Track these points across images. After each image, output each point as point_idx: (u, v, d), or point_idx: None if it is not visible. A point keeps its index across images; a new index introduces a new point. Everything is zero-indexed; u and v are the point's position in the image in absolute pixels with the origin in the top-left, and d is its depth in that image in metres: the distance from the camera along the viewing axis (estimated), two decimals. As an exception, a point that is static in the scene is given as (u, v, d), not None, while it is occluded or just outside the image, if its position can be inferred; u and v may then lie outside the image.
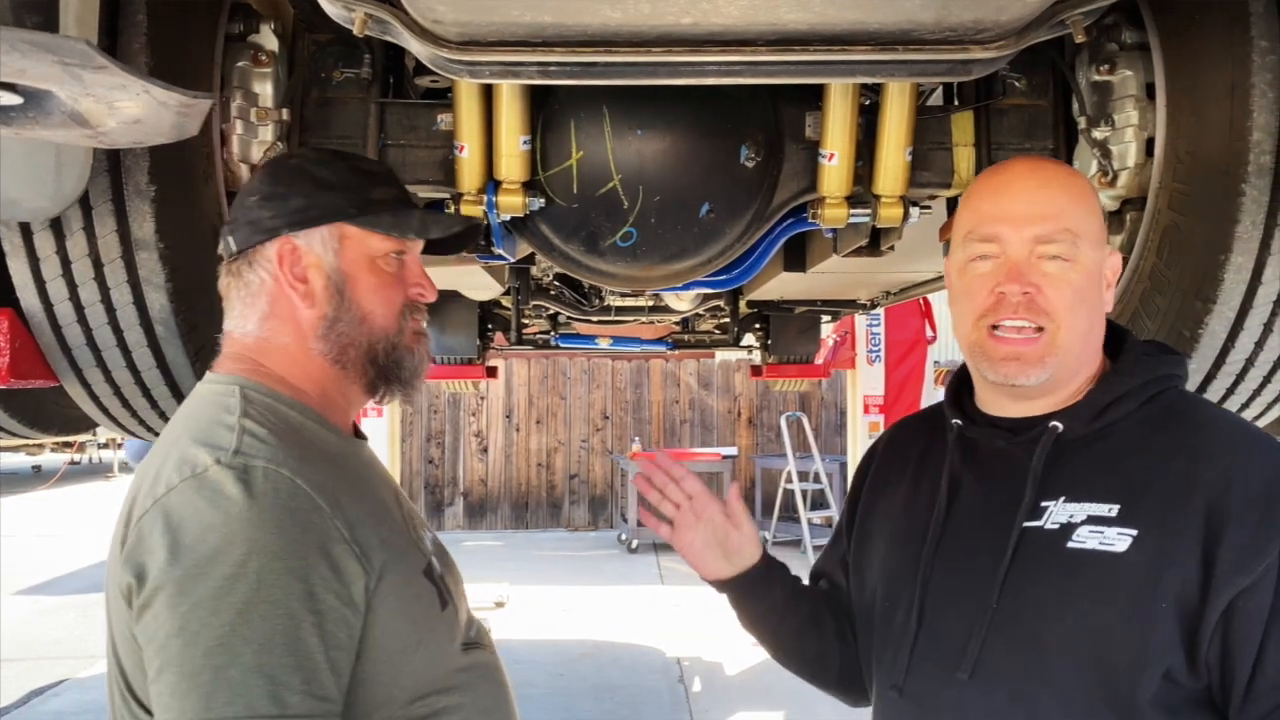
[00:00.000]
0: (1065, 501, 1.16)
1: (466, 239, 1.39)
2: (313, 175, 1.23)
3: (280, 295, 1.21)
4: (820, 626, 1.41)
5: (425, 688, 1.15)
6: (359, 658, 1.08)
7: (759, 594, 1.41)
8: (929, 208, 2.04)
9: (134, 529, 1.05)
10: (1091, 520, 1.13)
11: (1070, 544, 1.13)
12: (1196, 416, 1.18)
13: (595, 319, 4.85)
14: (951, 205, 2.03)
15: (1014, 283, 1.17)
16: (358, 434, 1.30)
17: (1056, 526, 1.15)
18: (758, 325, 5.48)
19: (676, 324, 5.71)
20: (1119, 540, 1.10)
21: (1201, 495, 1.08)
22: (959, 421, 1.28)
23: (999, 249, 1.19)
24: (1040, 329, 1.17)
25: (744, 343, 5.78)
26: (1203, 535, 1.06)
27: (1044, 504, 1.17)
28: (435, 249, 1.36)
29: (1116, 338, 1.25)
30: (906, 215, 1.90)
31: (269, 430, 1.12)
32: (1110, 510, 1.12)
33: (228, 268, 1.24)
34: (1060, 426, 1.19)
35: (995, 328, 1.19)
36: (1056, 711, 1.11)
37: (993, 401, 1.26)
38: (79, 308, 1.66)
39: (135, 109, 0.93)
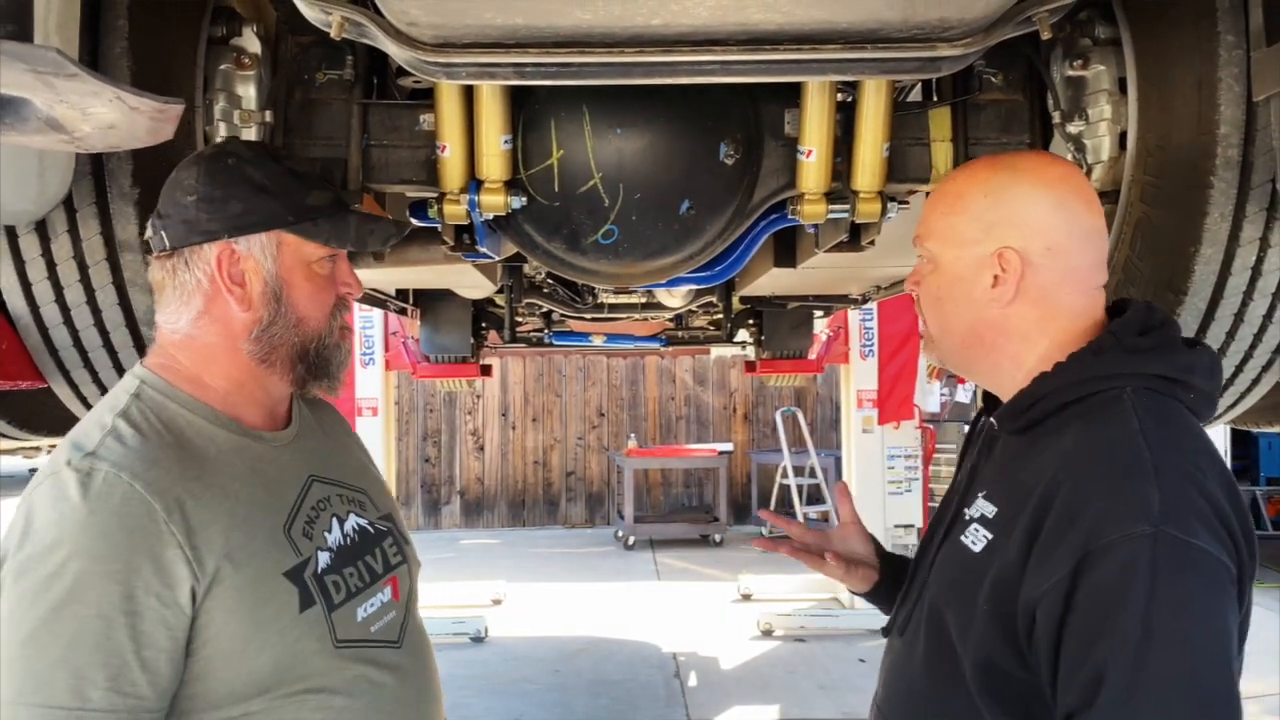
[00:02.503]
0: (982, 497, 1.25)
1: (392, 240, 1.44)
2: (250, 179, 1.27)
3: (216, 297, 1.26)
4: None
5: (281, 686, 1.18)
6: (193, 655, 1.14)
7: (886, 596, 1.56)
8: (907, 203, 2.05)
9: (16, 511, 1.14)
10: (980, 519, 1.23)
11: (961, 537, 1.24)
12: (1092, 425, 1.16)
13: (589, 316, 4.87)
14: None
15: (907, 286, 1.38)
16: (289, 421, 1.36)
17: (967, 518, 1.25)
18: (751, 321, 5.50)
19: (670, 321, 5.73)
20: (980, 542, 1.21)
21: (1037, 505, 1.12)
22: (981, 405, 1.40)
23: None
24: None
25: (738, 339, 5.79)
26: (1025, 544, 1.12)
27: (979, 493, 1.26)
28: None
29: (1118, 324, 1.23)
30: (885, 210, 1.91)
31: (137, 431, 1.18)
32: (991, 512, 1.22)
33: (161, 263, 1.27)
34: (994, 423, 1.30)
35: None
36: (924, 676, 1.27)
37: None
38: (65, 309, 1.68)
39: (109, 115, 0.95)
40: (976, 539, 1.21)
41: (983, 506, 1.23)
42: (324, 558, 1.26)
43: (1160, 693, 1.00)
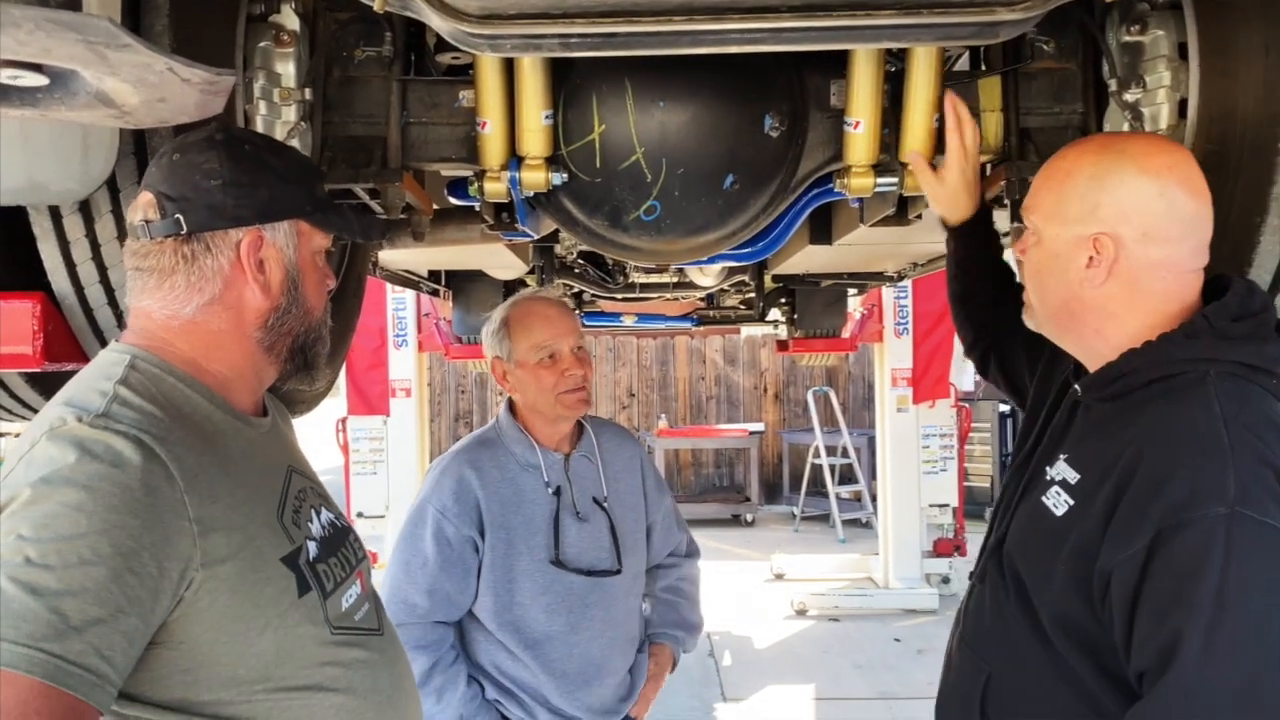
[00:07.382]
0: (1063, 460, 1.34)
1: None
2: (272, 166, 1.29)
3: (236, 282, 1.26)
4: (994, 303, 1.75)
5: (284, 670, 1.18)
6: (187, 640, 1.10)
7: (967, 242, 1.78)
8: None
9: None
10: (1061, 483, 1.31)
11: (1042, 497, 1.33)
12: (1174, 404, 1.24)
13: (620, 296, 4.85)
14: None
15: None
16: (266, 411, 1.36)
17: (1049, 479, 1.34)
18: (783, 300, 5.46)
19: (701, 300, 5.70)
20: (1061, 506, 1.30)
21: (1119, 478, 1.21)
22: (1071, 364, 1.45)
23: None
24: None
25: (770, 317, 5.76)
26: (1105, 514, 1.21)
27: (1060, 454, 1.35)
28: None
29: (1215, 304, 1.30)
30: (933, 183, 1.87)
31: (143, 399, 1.14)
32: (1073, 478, 1.30)
33: (174, 247, 1.23)
34: (1079, 390, 1.38)
35: None
36: (1006, 620, 1.37)
37: None
38: (109, 290, 1.67)
39: (160, 88, 0.93)
40: (1058, 503, 1.30)
41: (1064, 470, 1.31)
42: (312, 547, 1.27)
43: (1231, 660, 1.08)
